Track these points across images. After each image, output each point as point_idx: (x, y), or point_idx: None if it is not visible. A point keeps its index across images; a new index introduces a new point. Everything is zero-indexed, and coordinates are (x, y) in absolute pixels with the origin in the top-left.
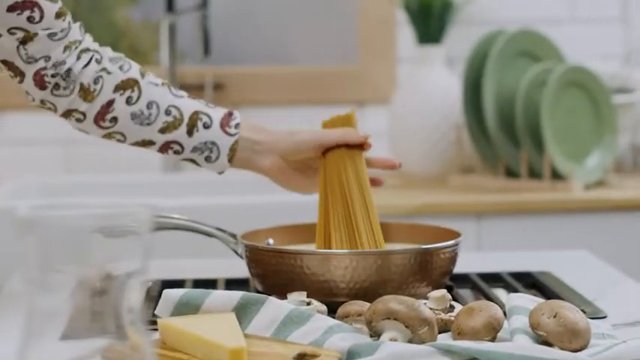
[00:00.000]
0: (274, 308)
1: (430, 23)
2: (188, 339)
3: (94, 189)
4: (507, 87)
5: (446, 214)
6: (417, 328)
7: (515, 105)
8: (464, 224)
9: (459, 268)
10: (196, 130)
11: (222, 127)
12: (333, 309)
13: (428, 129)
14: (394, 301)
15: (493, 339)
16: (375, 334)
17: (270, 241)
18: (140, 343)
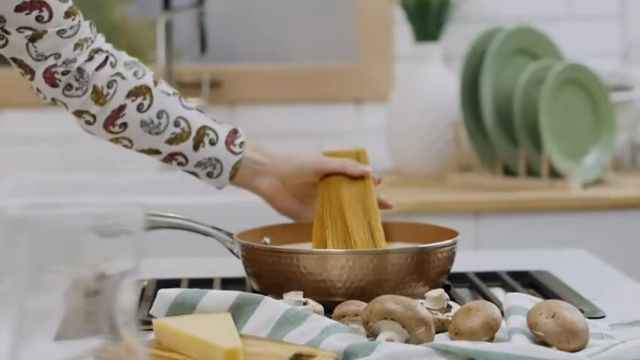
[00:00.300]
0: (270, 308)
1: (428, 21)
2: (183, 339)
3: (91, 187)
4: (505, 85)
5: (443, 212)
6: (414, 329)
7: (513, 103)
8: (461, 223)
9: (457, 267)
10: (202, 145)
11: (228, 145)
12: (329, 309)
13: (425, 127)
14: (391, 301)
15: (491, 339)
16: (371, 334)
17: (267, 240)
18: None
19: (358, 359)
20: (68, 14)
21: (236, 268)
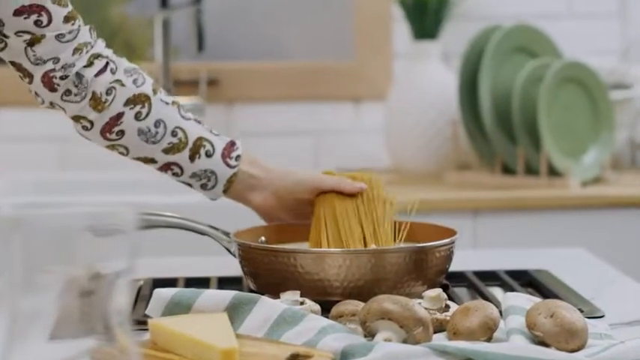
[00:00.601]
0: (267, 308)
1: (426, 19)
2: (179, 339)
3: (88, 186)
4: (504, 83)
5: (442, 210)
6: (412, 329)
7: (511, 101)
8: (460, 221)
9: (455, 266)
10: (198, 156)
11: (224, 158)
12: (326, 308)
13: (424, 125)
14: (388, 301)
15: (489, 339)
16: (369, 334)
17: (263, 239)
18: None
19: (355, 359)
20: (67, 19)
21: (233, 267)
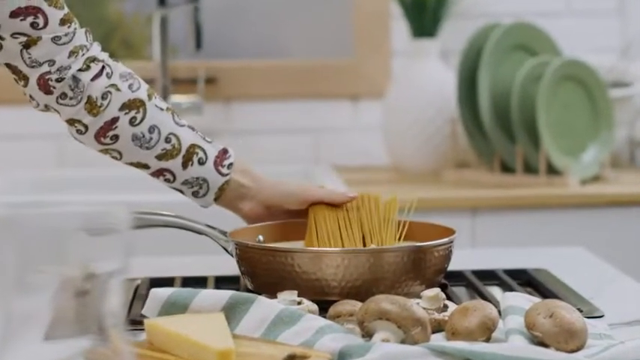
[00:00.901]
0: (264, 308)
1: (425, 16)
2: (175, 340)
3: (86, 184)
4: (503, 81)
5: (440, 209)
6: (410, 329)
7: (510, 99)
8: (458, 220)
9: (454, 265)
10: (191, 164)
11: (216, 166)
12: (324, 308)
13: (422, 123)
14: (386, 301)
15: (488, 339)
16: (367, 334)
17: (261, 238)
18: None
19: None
20: (64, 21)
21: (230, 267)
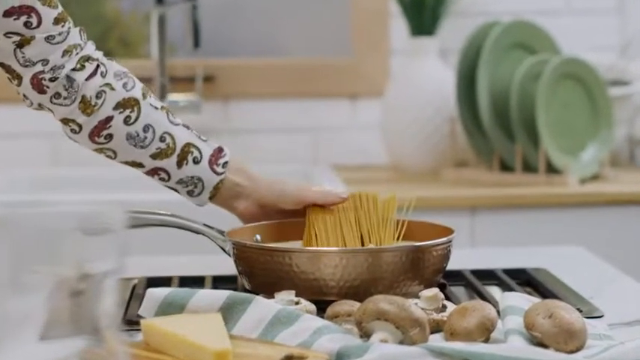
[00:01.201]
0: (262, 308)
1: (423, 15)
2: (172, 340)
3: (83, 183)
4: (502, 79)
5: (439, 208)
6: (408, 329)
7: (509, 98)
8: (457, 219)
9: (452, 265)
10: (186, 163)
11: (211, 165)
12: (322, 308)
13: (421, 122)
14: (384, 301)
15: (486, 340)
16: (365, 335)
17: (258, 238)
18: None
19: None
20: (57, 20)
21: (228, 266)
